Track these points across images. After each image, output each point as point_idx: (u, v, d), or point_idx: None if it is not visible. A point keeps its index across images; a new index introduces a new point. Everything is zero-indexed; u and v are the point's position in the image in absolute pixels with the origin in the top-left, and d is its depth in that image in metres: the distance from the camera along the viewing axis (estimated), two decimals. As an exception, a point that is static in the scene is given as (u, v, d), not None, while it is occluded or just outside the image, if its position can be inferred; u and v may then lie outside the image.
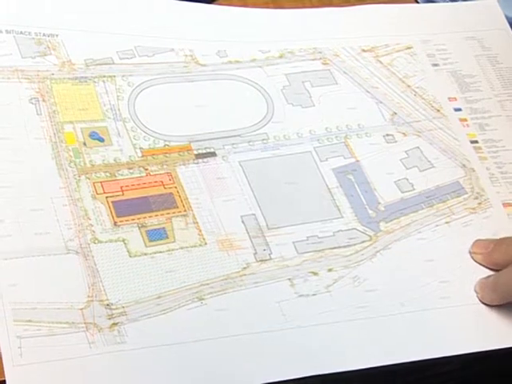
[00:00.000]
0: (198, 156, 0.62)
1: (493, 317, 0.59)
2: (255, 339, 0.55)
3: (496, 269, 0.61)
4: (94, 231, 0.57)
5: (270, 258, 0.59)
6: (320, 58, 0.70)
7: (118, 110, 0.63)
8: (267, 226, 0.60)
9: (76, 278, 0.54)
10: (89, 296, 0.54)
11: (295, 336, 0.56)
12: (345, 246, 0.61)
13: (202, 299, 0.56)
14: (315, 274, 0.59)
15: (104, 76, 0.64)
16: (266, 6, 0.73)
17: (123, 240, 0.57)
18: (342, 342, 0.56)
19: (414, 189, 0.65)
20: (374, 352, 0.56)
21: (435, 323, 0.58)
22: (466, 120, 0.70)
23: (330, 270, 0.59)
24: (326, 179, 0.64)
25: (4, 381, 0.50)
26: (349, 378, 0.54)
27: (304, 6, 0.74)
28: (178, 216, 0.59)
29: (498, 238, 0.63)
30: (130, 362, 0.52)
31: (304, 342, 0.55)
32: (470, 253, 0.62)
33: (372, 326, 0.57)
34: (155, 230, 0.58)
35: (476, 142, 0.69)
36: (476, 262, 0.62)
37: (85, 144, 0.61)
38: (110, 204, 0.58)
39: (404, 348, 0.56)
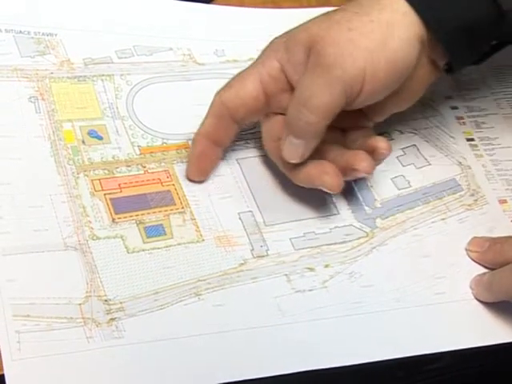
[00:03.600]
0: (196, 154, 0.63)
1: (488, 313, 0.60)
2: (252, 334, 0.55)
3: (491, 267, 0.61)
4: (92, 228, 0.57)
5: (267, 254, 0.59)
6: (317, 57, 0.70)
7: (117, 108, 0.63)
8: (264, 222, 0.61)
9: (74, 274, 0.55)
10: (87, 291, 0.54)
11: (292, 331, 0.56)
12: (341, 243, 0.61)
13: (199, 295, 0.56)
14: (312, 269, 0.59)
15: (102, 75, 0.65)
16: (264, 5, 0.74)
17: (121, 236, 0.57)
18: (338, 337, 0.56)
19: (410, 186, 0.65)
20: (369, 347, 0.56)
21: (430, 319, 0.58)
22: (462, 118, 0.71)
23: (326, 266, 0.60)
24: (323, 176, 0.64)
25: (3, 375, 0.50)
26: (342, 373, 0.55)
27: (302, 6, 0.75)
28: (175, 213, 0.60)
29: (493, 234, 0.63)
30: (127, 357, 0.52)
31: (300, 336, 0.56)
32: (466, 249, 0.63)
33: (368, 322, 0.57)
34: (153, 226, 0.58)
35: (472, 139, 0.69)
36: (471, 259, 0.62)
37: (83, 142, 0.61)
38: (109, 201, 0.59)
39: (399, 343, 0.57)
